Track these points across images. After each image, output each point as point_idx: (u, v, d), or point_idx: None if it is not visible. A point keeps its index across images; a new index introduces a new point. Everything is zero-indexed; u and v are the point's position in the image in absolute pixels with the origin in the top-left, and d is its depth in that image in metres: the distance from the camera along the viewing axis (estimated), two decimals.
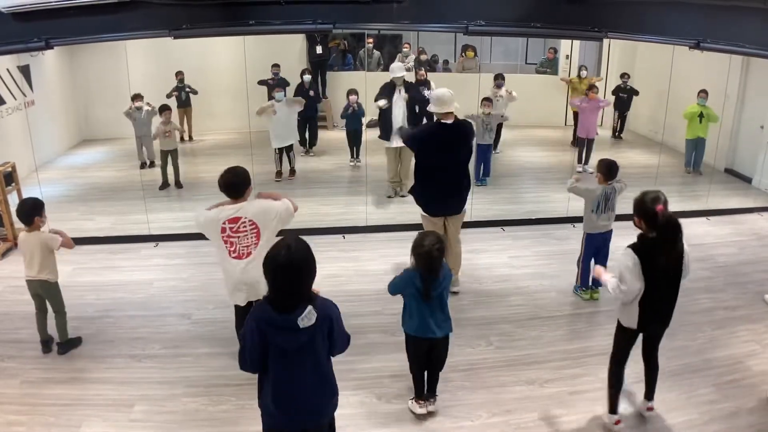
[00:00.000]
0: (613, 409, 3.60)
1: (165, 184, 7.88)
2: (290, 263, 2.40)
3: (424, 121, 7.16)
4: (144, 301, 5.08)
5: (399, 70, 7.43)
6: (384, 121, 7.40)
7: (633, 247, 3.27)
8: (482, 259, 6.01)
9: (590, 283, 5.16)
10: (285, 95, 8.02)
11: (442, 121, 4.82)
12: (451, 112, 4.81)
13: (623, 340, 3.53)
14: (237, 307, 4.00)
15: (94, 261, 5.86)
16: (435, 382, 3.75)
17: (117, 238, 6.32)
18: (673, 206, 8.05)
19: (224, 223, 3.71)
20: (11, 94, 7.93)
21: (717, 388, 3.97)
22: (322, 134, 9.34)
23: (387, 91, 7.39)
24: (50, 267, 4.23)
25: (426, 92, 8.19)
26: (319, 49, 10.40)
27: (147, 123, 8.15)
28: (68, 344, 4.37)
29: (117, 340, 4.50)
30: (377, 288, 5.07)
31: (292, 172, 8.38)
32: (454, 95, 4.81)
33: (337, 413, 3.68)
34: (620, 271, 3.29)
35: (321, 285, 5.08)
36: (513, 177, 8.71)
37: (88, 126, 10.05)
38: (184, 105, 9.62)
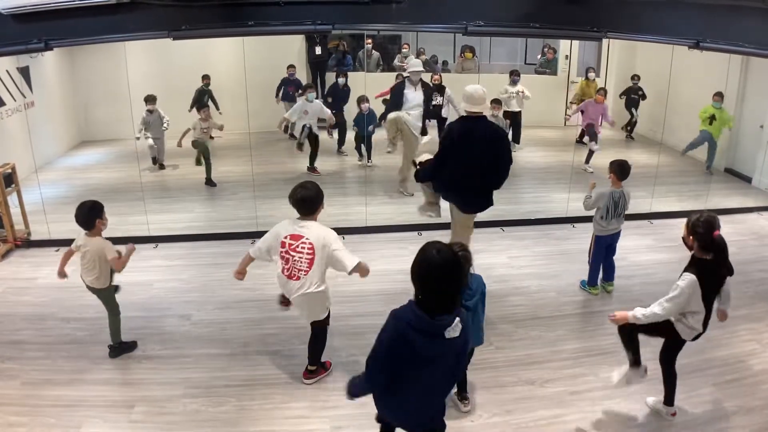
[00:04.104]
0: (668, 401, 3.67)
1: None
2: (444, 264, 2.33)
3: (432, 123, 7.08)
4: (144, 302, 5.08)
5: (418, 65, 7.27)
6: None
7: (692, 272, 3.30)
8: (482, 259, 6.00)
9: (601, 280, 5.28)
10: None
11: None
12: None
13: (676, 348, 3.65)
14: None
15: None
16: (464, 382, 3.74)
17: (117, 240, 6.27)
18: (673, 205, 8.09)
19: (285, 237, 3.68)
20: (11, 95, 7.94)
21: (717, 388, 3.97)
22: (320, 134, 9.35)
23: (397, 93, 7.23)
24: (104, 274, 4.16)
25: (438, 98, 8.25)
26: (318, 50, 10.41)
27: (159, 125, 8.30)
28: (120, 348, 4.30)
29: None
30: (378, 288, 5.08)
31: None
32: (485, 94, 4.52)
33: (338, 413, 3.71)
34: (682, 295, 3.28)
35: None
36: (513, 177, 8.61)
37: (88, 127, 10.05)
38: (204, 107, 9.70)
